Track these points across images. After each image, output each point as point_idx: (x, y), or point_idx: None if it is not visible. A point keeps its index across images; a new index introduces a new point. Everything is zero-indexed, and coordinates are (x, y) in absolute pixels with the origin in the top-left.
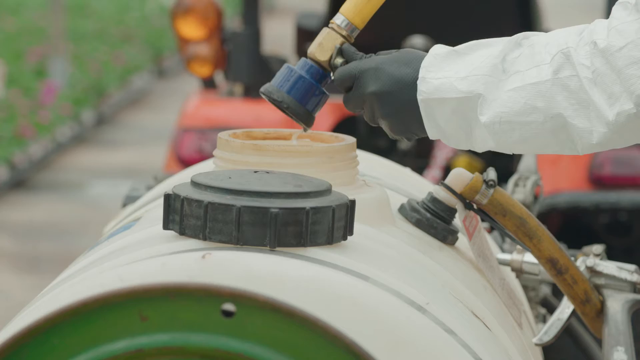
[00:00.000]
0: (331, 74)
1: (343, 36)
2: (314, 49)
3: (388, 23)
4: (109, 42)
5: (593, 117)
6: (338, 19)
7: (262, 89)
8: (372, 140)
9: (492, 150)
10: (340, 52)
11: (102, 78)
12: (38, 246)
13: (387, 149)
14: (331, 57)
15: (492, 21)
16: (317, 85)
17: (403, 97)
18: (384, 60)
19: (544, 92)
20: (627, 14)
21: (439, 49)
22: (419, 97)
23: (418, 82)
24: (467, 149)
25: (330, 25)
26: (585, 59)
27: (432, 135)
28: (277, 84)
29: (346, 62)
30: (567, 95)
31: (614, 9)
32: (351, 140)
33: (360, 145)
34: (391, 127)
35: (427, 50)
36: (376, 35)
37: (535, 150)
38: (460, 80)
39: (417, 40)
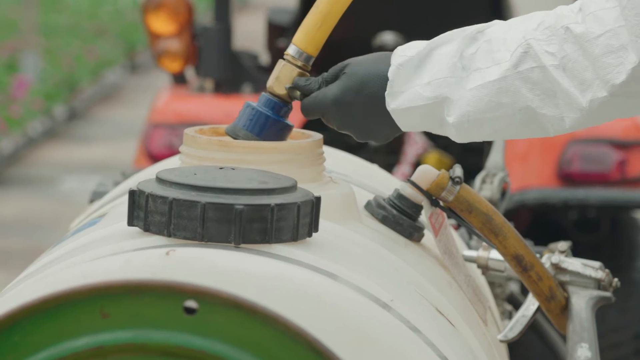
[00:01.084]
0: (291, 105)
1: (299, 67)
2: (272, 83)
3: (359, 19)
4: (81, 37)
5: (562, 104)
6: (291, 50)
7: (227, 130)
8: (343, 137)
9: (462, 143)
10: (294, 87)
11: (75, 72)
12: (8, 241)
13: (357, 146)
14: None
15: (463, 16)
16: (280, 120)
17: (372, 121)
18: (340, 92)
19: (506, 88)
20: None
21: (400, 57)
22: (388, 108)
23: (386, 94)
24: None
25: (285, 56)
26: (549, 46)
27: (407, 130)
28: (241, 124)
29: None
30: (531, 87)
31: None
32: (318, 137)
33: (331, 142)
34: (374, 141)
35: (396, 46)
36: (347, 32)
37: (506, 138)
38: (424, 86)
39: (388, 36)
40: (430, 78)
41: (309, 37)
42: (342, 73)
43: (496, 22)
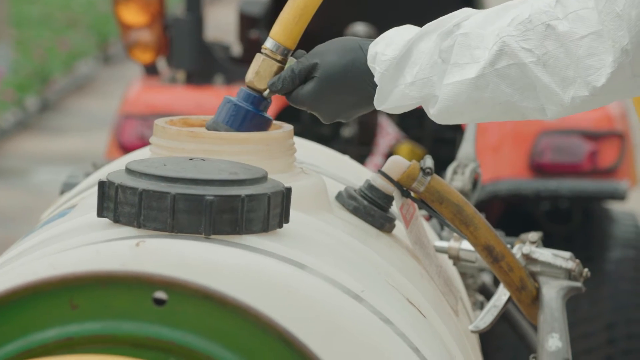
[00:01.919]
0: (270, 99)
1: (278, 60)
2: (251, 77)
3: (330, 11)
4: (53, 28)
5: (542, 96)
6: (270, 44)
7: (207, 125)
8: (315, 128)
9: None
10: (272, 91)
11: (47, 64)
12: None
13: (329, 137)
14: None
15: (434, 6)
16: (260, 113)
17: (355, 110)
18: (317, 98)
19: (485, 85)
20: None
21: (382, 63)
22: (378, 108)
23: (375, 98)
24: None
25: (263, 51)
26: (525, 43)
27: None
28: (221, 119)
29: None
30: (510, 83)
31: None
32: (288, 127)
33: (303, 133)
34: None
35: (369, 37)
36: (319, 23)
37: (486, 121)
38: (409, 86)
39: (360, 27)
40: (414, 78)
41: (287, 30)
42: (313, 76)
43: (471, 12)
